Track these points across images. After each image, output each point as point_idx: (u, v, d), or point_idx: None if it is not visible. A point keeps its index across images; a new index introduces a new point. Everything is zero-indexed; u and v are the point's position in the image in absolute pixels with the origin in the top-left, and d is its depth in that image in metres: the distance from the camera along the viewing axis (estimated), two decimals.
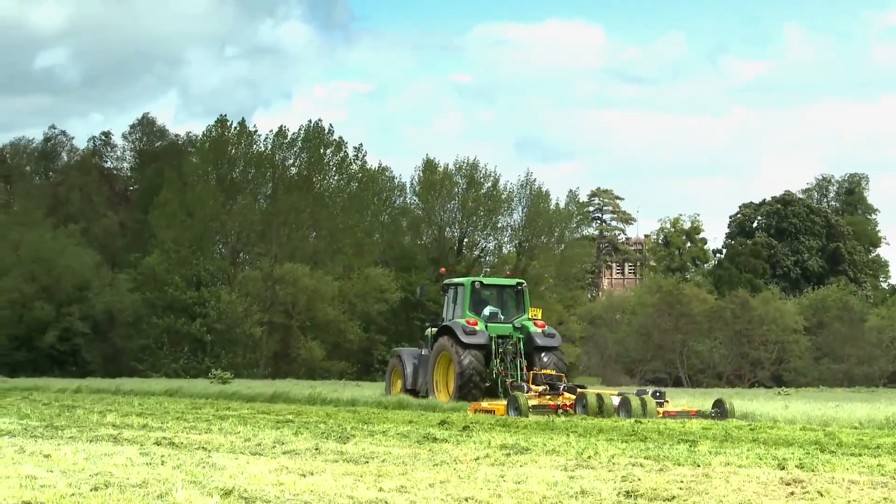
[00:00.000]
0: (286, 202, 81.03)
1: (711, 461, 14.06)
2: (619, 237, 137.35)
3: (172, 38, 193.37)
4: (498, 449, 15.56)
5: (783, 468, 13.25)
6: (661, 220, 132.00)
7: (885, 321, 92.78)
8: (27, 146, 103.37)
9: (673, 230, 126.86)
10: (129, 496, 9.91)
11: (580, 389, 28.19)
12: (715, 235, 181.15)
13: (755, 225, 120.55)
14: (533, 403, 26.81)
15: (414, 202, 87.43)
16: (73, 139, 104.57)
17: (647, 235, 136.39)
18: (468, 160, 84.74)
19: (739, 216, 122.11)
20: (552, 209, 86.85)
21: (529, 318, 32.79)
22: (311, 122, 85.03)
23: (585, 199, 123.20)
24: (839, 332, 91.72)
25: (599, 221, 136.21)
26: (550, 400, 27.59)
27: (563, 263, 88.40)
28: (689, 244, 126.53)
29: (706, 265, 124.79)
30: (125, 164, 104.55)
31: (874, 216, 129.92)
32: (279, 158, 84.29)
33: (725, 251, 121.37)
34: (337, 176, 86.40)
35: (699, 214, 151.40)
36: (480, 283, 33.54)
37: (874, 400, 37.35)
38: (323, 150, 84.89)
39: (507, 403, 26.81)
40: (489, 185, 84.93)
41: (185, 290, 76.47)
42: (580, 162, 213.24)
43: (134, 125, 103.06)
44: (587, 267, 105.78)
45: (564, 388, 28.67)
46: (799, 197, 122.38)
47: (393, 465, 13.00)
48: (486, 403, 28.19)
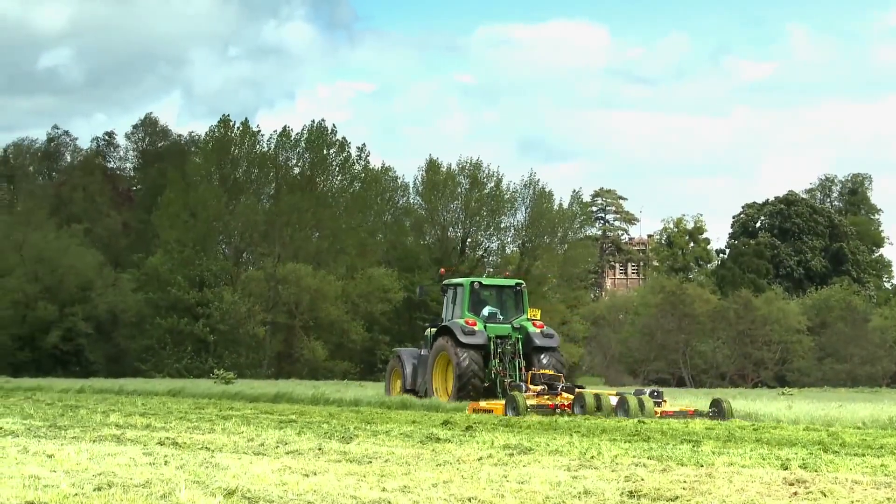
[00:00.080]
0: (289, 202, 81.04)
1: (715, 461, 14.05)
2: (622, 237, 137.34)
3: (176, 38, 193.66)
4: (501, 449, 15.56)
5: (786, 468, 13.24)
6: (664, 220, 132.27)
7: (888, 321, 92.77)
8: (30, 146, 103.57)
9: (676, 230, 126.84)
10: (132, 496, 9.91)
11: (578, 389, 28.27)
12: (718, 235, 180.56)
13: (758, 225, 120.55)
14: (531, 403, 26.89)
15: (417, 202, 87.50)
16: (76, 140, 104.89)
17: (650, 235, 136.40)
18: (471, 160, 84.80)
19: (742, 216, 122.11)
20: (555, 209, 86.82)
21: (528, 318, 32.85)
22: (314, 122, 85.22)
23: (588, 199, 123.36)
24: (842, 332, 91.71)
25: (603, 221, 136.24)
26: (549, 400, 27.65)
27: (566, 264, 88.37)
28: (692, 244, 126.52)
29: (709, 265, 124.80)
30: (128, 164, 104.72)
31: (877, 216, 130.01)
32: (282, 158, 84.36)
33: (728, 251, 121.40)
34: (340, 176, 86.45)
35: (702, 214, 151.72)
36: (479, 283, 33.57)
37: (877, 400, 37.33)
38: (326, 150, 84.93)
39: (505, 403, 26.97)
40: (492, 185, 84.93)
41: (188, 290, 76.50)
42: (583, 162, 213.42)
43: (136, 125, 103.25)
44: (590, 267, 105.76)
45: (562, 388, 28.73)
46: (802, 197, 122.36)
47: (396, 465, 13.00)
48: (484, 403, 28.32)
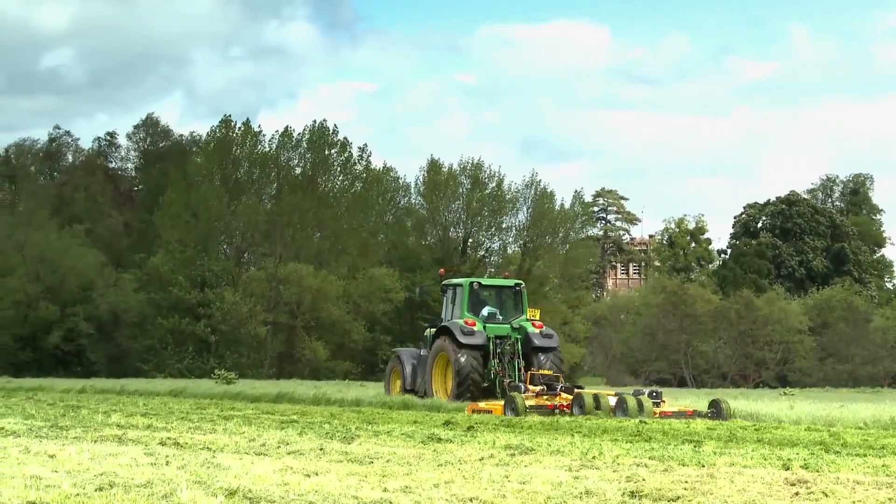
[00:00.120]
0: (291, 202, 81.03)
1: (716, 461, 14.05)
2: (623, 237, 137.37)
3: (177, 38, 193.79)
4: (502, 449, 15.56)
5: (788, 468, 13.24)
6: (665, 220, 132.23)
7: (889, 321, 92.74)
8: (32, 146, 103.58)
9: (677, 230, 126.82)
10: (133, 496, 9.92)
11: (577, 390, 28.35)
12: (719, 236, 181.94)
13: (760, 225, 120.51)
14: (530, 404, 26.98)
15: (418, 202, 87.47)
16: (78, 140, 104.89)
17: (651, 236, 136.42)
18: (473, 160, 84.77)
19: (744, 216, 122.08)
20: (557, 210, 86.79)
21: (528, 318, 32.94)
22: (315, 122, 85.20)
23: (590, 199, 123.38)
24: (844, 332, 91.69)
25: (604, 222, 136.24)
26: (548, 400, 27.72)
27: (567, 264, 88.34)
28: (693, 244, 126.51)
29: (711, 265, 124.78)
30: (130, 164, 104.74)
31: (879, 216, 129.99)
32: (284, 159, 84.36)
33: (730, 251, 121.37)
34: (341, 176, 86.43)
35: (704, 215, 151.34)
36: (479, 283, 33.66)
37: (879, 400, 37.33)
38: (328, 150, 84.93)
39: (504, 403, 27.05)
40: (494, 185, 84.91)
41: (189, 290, 76.51)
42: (585, 162, 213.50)
43: (138, 125, 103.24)
44: (592, 267, 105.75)
45: (561, 388, 28.82)
46: (803, 197, 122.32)
47: (397, 465, 13.00)
48: (483, 404, 28.42)
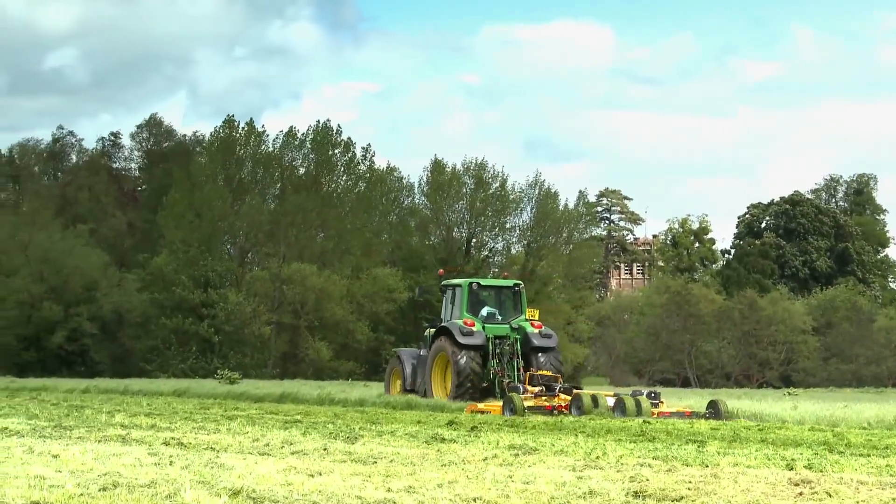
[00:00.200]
0: (294, 202, 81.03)
1: (720, 462, 14.05)
2: (627, 237, 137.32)
3: (181, 38, 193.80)
4: (506, 449, 15.56)
5: (792, 469, 13.24)
6: (669, 220, 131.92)
7: (893, 322, 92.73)
8: (36, 147, 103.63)
9: (681, 230, 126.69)
10: (137, 496, 9.92)
11: (575, 390, 28.47)
12: (723, 236, 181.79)
13: (763, 225, 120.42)
14: (529, 404, 27.12)
15: (422, 202, 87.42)
16: (81, 140, 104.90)
17: (655, 236, 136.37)
18: (476, 160, 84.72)
19: (748, 216, 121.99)
20: (561, 210, 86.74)
21: (527, 318, 33.04)
22: (319, 122, 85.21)
23: (594, 199, 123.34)
24: (848, 332, 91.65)
25: (608, 222, 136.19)
26: (546, 401, 27.82)
27: (571, 264, 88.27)
28: (697, 244, 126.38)
29: (714, 265, 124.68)
30: (133, 164, 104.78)
31: (883, 216, 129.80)
32: (287, 159, 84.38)
33: (734, 251, 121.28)
34: (345, 176, 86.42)
35: (707, 215, 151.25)
36: (478, 284, 33.81)
37: (883, 400, 37.28)
38: (331, 150, 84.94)
39: (503, 404, 27.19)
40: (497, 185, 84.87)
41: (192, 290, 76.54)
42: (588, 162, 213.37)
43: (141, 125, 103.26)
44: (595, 267, 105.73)
45: (560, 388, 28.93)
46: (807, 197, 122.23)
47: (401, 465, 13.00)
48: (482, 404, 28.58)
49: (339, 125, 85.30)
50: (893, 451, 16.49)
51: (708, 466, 13.33)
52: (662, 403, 27.78)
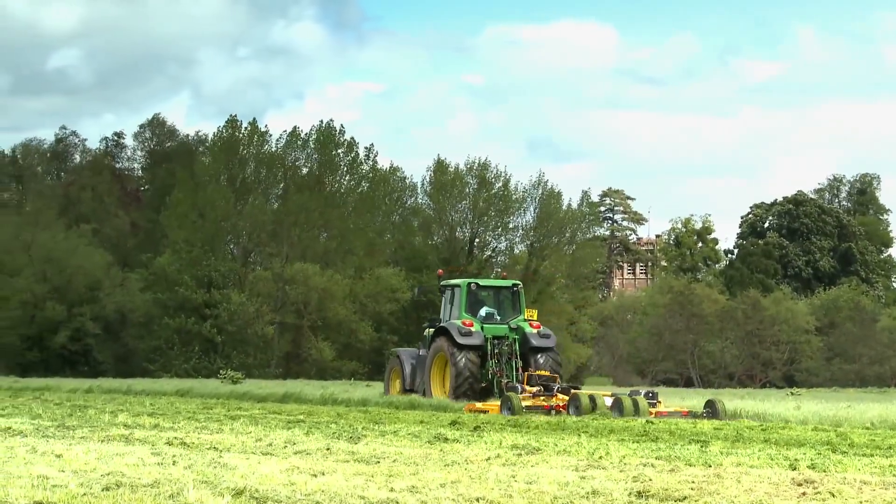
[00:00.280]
0: (297, 202, 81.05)
1: (723, 461, 14.05)
2: (630, 237, 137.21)
3: (184, 38, 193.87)
4: (509, 449, 15.56)
5: (795, 469, 13.23)
6: (672, 220, 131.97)
7: None
8: (39, 147, 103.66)
9: (684, 230, 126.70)
10: (140, 496, 9.93)
11: (573, 390, 28.58)
12: (726, 236, 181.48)
13: (767, 225, 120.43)
14: (527, 404, 27.25)
15: (425, 202, 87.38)
16: (85, 140, 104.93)
17: (658, 236, 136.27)
18: (479, 160, 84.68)
19: (751, 216, 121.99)
20: (564, 210, 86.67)
21: (525, 318, 33.10)
22: (322, 122, 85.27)
23: (597, 199, 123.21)
24: (851, 332, 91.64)
25: (611, 222, 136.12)
26: (544, 401, 27.91)
27: (574, 264, 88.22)
28: (700, 244, 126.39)
29: (717, 265, 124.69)
30: (136, 164, 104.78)
31: (886, 216, 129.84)
32: (290, 159, 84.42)
33: (737, 251, 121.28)
34: (348, 176, 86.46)
35: (710, 215, 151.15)
36: (477, 284, 33.88)
37: (886, 400, 37.25)
38: (334, 150, 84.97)
39: (500, 404, 27.35)
40: (500, 185, 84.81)
41: (195, 290, 76.55)
42: (591, 162, 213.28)
43: (143, 125, 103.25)
44: (598, 267, 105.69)
45: (558, 388, 29.03)
46: (810, 197, 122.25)
47: (404, 465, 13.00)
48: (480, 404, 28.69)
49: (342, 125, 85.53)
50: None
51: (711, 466, 13.32)
52: (660, 403, 27.94)
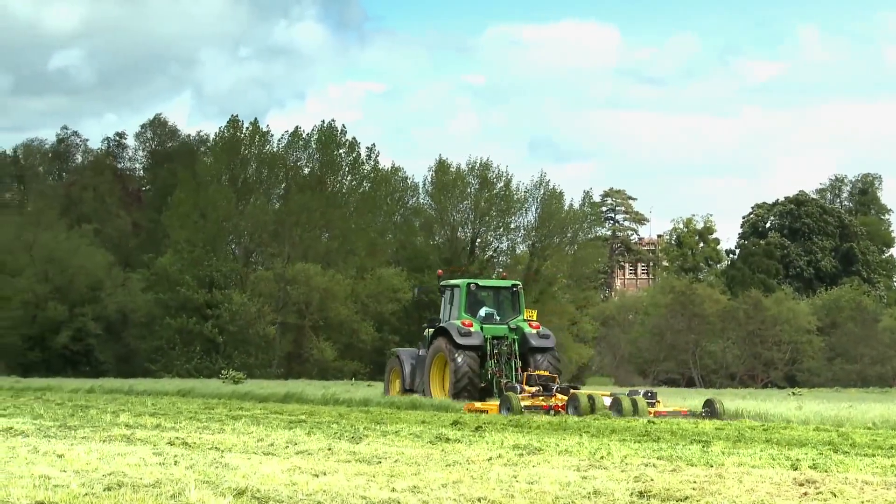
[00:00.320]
0: (299, 202, 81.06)
1: (724, 461, 14.04)
2: (631, 237, 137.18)
3: (186, 38, 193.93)
4: (511, 449, 15.56)
5: (796, 469, 13.23)
6: (673, 220, 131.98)
7: None
8: (40, 147, 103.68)
9: (686, 230, 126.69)
10: (142, 496, 9.93)
11: (572, 390, 28.65)
12: (728, 236, 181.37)
13: (768, 225, 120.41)
14: (525, 404, 27.36)
15: (427, 202, 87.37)
16: (86, 140, 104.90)
17: (659, 236, 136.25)
18: (481, 160, 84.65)
19: (752, 216, 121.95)
20: (566, 210, 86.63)
21: (525, 319, 33.18)
22: (324, 122, 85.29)
23: (598, 199, 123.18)
24: (852, 332, 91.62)
25: (612, 222, 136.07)
26: (543, 401, 27.99)
27: (575, 264, 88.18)
28: (701, 244, 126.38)
29: (719, 265, 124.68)
30: (138, 164, 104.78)
31: (887, 216, 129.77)
32: (292, 159, 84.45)
33: (738, 251, 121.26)
34: (350, 176, 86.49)
35: (712, 215, 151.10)
36: (476, 284, 33.99)
37: (888, 400, 37.26)
38: (336, 150, 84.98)
39: (499, 404, 27.49)
40: (501, 185, 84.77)
41: (197, 290, 76.55)
42: (593, 162, 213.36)
43: (144, 125, 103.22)
44: (600, 267, 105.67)
45: (557, 388, 29.10)
46: (812, 197, 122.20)
47: (405, 465, 13.00)
48: (479, 404, 28.82)
49: (343, 125, 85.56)
50: None
51: (712, 466, 13.32)
52: (659, 403, 28.04)
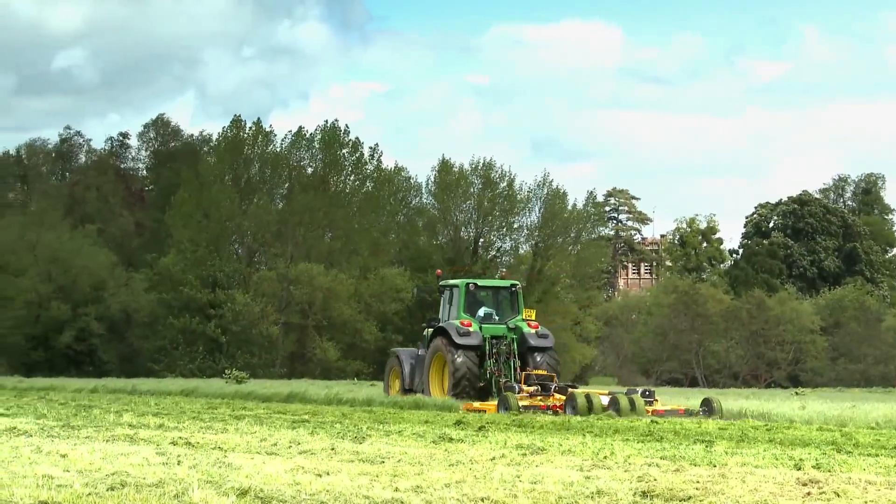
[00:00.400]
0: (302, 202, 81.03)
1: (728, 461, 14.04)
2: (635, 237, 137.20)
3: (190, 38, 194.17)
4: (514, 449, 15.56)
5: (800, 468, 13.22)
6: (677, 220, 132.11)
7: None
8: (44, 147, 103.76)
9: (689, 230, 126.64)
10: (145, 496, 9.93)
11: (570, 390, 28.71)
12: (731, 235, 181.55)
13: (771, 225, 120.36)
14: (524, 404, 27.45)
15: (430, 202, 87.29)
16: (89, 140, 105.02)
17: (663, 235, 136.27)
18: (484, 160, 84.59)
19: (756, 216, 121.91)
20: (569, 209, 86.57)
21: (523, 318, 33.25)
22: (327, 122, 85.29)
23: (601, 199, 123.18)
24: (856, 332, 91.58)
25: (615, 221, 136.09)
26: (541, 400, 28.06)
27: (579, 264, 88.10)
28: (705, 244, 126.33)
29: (722, 265, 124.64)
30: (141, 164, 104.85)
31: (891, 216, 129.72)
32: (295, 159, 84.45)
33: (742, 251, 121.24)
34: (353, 176, 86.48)
35: (715, 214, 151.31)
36: (475, 284, 34.08)
37: (891, 400, 37.25)
38: (339, 150, 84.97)
39: (497, 403, 27.64)
40: (505, 185, 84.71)
41: (200, 289, 76.55)
42: (596, 162, 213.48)
43: (147, 125, 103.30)
44: (603, 267, 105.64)
45: (555, 388, 29.15)
46: (815, 197, 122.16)
47: (409, 465, 13.00)
48: (477, 404, 28.88)
49: (346, 125, 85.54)
50: None
51: (716, 466, 13.31)
52: (657, 402, 28.13)
